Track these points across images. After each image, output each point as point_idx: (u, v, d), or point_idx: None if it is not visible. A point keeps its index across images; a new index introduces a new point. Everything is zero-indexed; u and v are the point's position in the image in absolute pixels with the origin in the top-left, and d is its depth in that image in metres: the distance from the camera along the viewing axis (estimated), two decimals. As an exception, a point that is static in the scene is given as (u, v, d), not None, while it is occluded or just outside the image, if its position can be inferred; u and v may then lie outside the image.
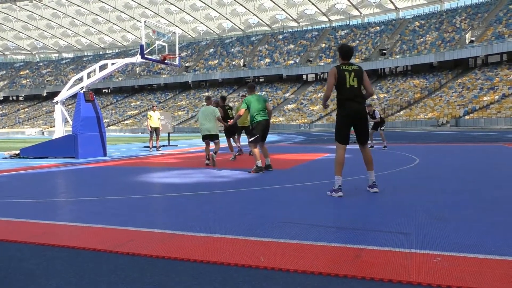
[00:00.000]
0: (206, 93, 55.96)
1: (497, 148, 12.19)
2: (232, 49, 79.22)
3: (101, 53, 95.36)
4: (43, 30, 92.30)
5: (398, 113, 48.74)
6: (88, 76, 12.54)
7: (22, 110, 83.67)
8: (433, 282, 2.14)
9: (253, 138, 7.26)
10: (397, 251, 2.68)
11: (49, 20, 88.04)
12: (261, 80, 73.25)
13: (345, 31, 71.93)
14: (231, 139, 10.63)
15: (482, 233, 3.05)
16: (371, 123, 12.71)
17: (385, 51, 62.60)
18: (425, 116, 45.16)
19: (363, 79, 4.83)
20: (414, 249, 2.71)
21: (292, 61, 69.15)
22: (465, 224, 3.34)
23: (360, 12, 74.58)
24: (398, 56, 59.03)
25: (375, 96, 55.22)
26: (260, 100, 7.39)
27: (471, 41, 54.04)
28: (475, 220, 3.47)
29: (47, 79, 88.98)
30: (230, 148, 10.45)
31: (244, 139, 11.16)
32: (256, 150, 7.19)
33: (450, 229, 3.20)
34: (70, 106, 60.65)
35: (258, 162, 7.10)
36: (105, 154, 12.21)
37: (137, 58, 11.96)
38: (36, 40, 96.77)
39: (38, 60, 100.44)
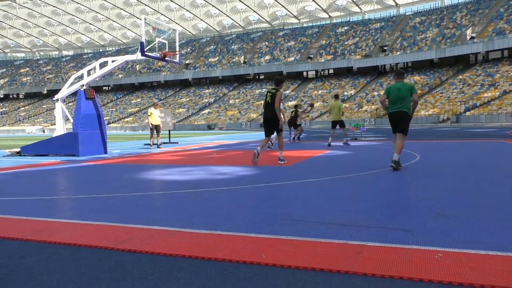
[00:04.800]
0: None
1: (498, 144, 12.18)
2: (232, 46, 79.11)
3: (101, 50, 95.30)
4: (43, 28, 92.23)
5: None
6: (88, 73, 12.52)
7: (23, 108, 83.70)
8: (434, 278, 2.14)
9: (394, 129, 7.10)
10: (398, 247, 2.67)
11: (49, 17, 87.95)
12: (262, 77, 73.16)
13: (345, 28, 71.79)
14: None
15: (483, 229, 3.05)
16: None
17: (385, 48, 62.49)
18: (426, 113, 45.11)
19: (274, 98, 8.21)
20: (415, 245, 2.70)
21: (293, 58, 69.04)
22: (466, 220, 3.33)
23: (361, 9, 74.41)
24: (398, 53, 58.91)
25: (375, 93, 55.17)
26: (402, 90, 6.87)
27: (472, 37, 53.91)
28: (476, 216, 3.46)
29: (47, 77, 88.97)
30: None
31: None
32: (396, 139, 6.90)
33: (451, 225, 3.20)
34: (70, 104, 60.70)
35: (395, 156, 6.69)
36: (105, 152, 12.22)
37: (137, 56, 11.94)
38: (36, 37, 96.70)
39: (38, 57, 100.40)
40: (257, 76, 73.55)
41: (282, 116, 8.47)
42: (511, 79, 45.18)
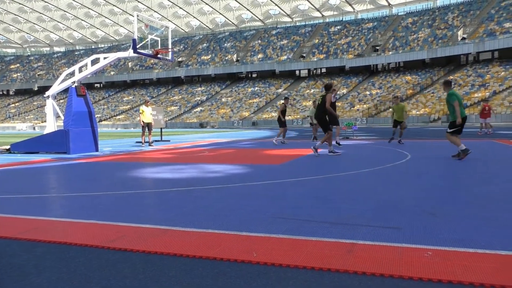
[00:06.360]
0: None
1: (488, 144, 12.30)
2: (225, 44, 78.92)
3: (93, 47, 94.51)
4: (34, 23, 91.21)
5: (390, 109, 48.94)
6: (80, 70, 12.43)
7: (13, 105, 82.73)
8: (424, 276, 2.16)
9: (454, 129, 8.30)
10: (389, 245, 2.70)
11: (40, 13, 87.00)
12: (254, 75, 73.11)
13: (338, 27, 71.97)
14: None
15: (472, 228, 3.09)
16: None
17: (378, 47, 62.75)
18: (417, 112, 45.43)
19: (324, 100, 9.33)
20: (406, 243, 2.73)
21: (285, 57, 69.06)
22: (456, 219, 3.37)
23: (353, 8, 74.63)
24: (390, 53, 59.20)
25: (367, 92, 55.43)
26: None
27: (463, 38, 54.36)
28: (466, 215, 3.50)
29: (38, 73, 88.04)
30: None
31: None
32: (455, 138, 8.30)
33: (441, 224, 3.23)
34: (61, 101, 60.16)
35: (462, 146, 8.10)
36: (97, 150, 12.14)
37: (130, 53, 11.87)
38: (27, 33, 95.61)
39: (29, 53, 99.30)
40: (249, 75, 73.44)
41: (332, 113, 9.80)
42: (501, 80, 45.64)
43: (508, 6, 54.51)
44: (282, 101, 14.68)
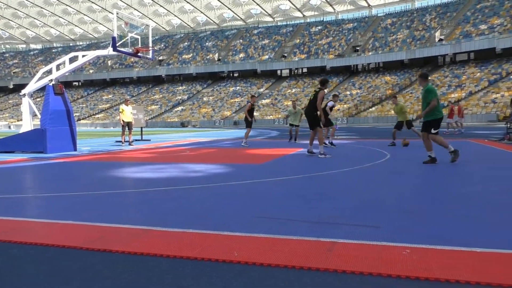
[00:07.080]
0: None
1: (464, 144, 12.59)
2: (207, 43, 78.55)
3: (71, 44, 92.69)
4: (9, 20, 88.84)
5: (370, 109, 49.63)
6: (58, 68, 12.18)
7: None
8: (402, 273, 2.20)
9: (438, 131, 7.63)
10: (368, 244, 2.74)
11: (16, 9, 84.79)
12: (236, 75, 72.99)
13: (319, 27, 72.50)
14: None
15: (449, 226, 3.16)
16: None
17: (358, 48, 63.51)
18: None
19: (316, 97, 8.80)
20: (384, 242, 2.77)
21: (267, 56, 69.19)
22: (434, 218, 3.44)
23: (334, 9, 75.32)
24: (370, 53, 59.98)
25: (347, 92, 56.02)
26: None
27: (440, 40, 55.49)
28: (443, 214, 3.58)
29: (14, 71, 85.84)
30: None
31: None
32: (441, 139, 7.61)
33: (419, 222, 3.30)
34: (38, 99, 58.79)
35: (432, 153, 7.41)
36: (75, 149, 11.92)
37: (109, 51, 11.70)
38: (2, 30, 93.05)
39: (4, 50, 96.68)
40: (231, 74, 73.29)
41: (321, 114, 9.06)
42: (477, 80, 46.79)
43: (483, 9, 55.97)
44: (249, 100, 13.55)
